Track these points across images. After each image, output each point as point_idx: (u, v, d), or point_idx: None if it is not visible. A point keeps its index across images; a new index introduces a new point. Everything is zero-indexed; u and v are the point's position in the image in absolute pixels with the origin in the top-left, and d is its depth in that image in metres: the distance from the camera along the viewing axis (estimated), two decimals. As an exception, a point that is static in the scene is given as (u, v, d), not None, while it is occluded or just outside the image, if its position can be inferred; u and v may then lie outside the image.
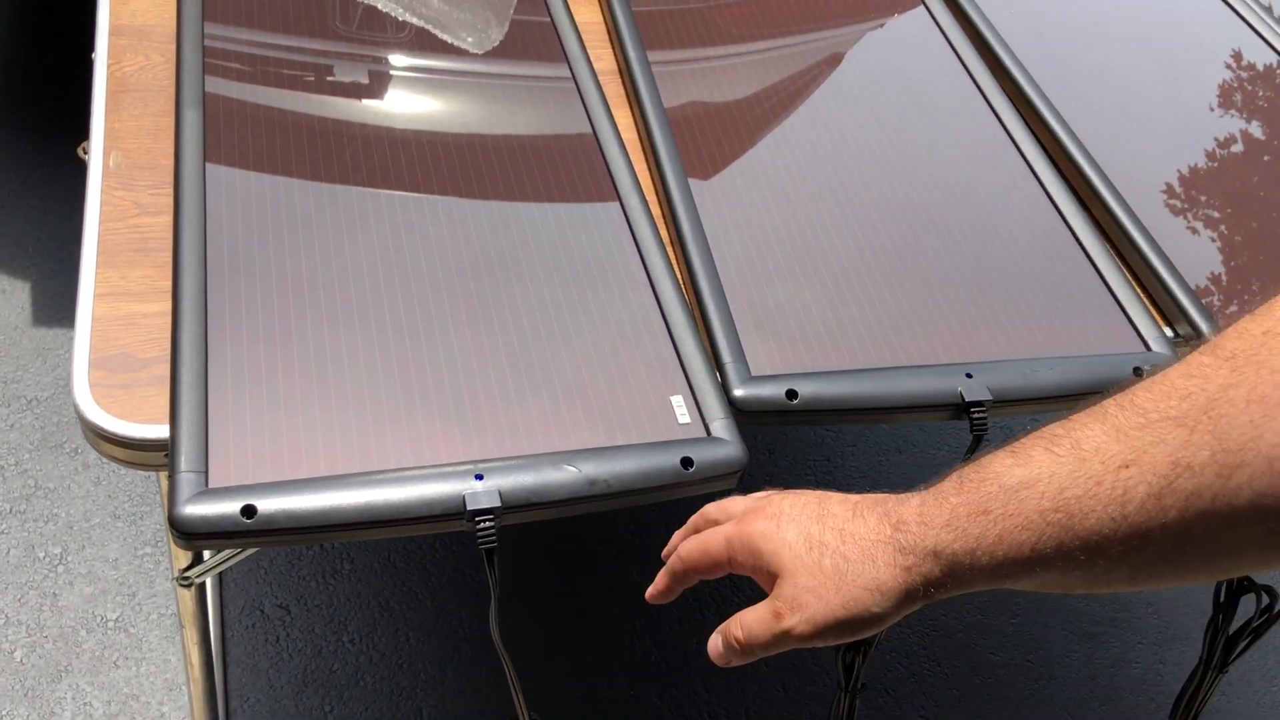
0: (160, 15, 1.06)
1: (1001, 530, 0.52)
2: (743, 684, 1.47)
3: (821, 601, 0.57)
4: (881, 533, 0.57)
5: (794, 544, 0.59)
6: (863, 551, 0.57)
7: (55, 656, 1.40)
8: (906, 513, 0.56)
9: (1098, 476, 0.48)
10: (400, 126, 0.97)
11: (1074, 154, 1.06)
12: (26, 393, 1.69)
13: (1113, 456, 0.48)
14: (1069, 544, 0.50)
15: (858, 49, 1.17)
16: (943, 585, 0.56)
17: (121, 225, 0.87)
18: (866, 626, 0.58)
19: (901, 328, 0.87)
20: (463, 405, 0.76)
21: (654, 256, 0.89)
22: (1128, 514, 0.48)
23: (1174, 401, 0.47)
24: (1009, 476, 0.52)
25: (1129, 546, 0.48)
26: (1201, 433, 0.45)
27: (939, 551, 0.54)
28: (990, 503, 0.52)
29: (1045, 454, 0.51)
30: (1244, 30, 1.29)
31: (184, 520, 0.67)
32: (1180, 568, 0.48)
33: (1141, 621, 1.61)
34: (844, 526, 0.58)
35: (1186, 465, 0.46)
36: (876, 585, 0.56)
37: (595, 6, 1.19)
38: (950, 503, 0.54)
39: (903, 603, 0.57)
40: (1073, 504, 0.49)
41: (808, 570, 0.58)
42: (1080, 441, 0.50)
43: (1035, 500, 0.50)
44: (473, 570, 1.55)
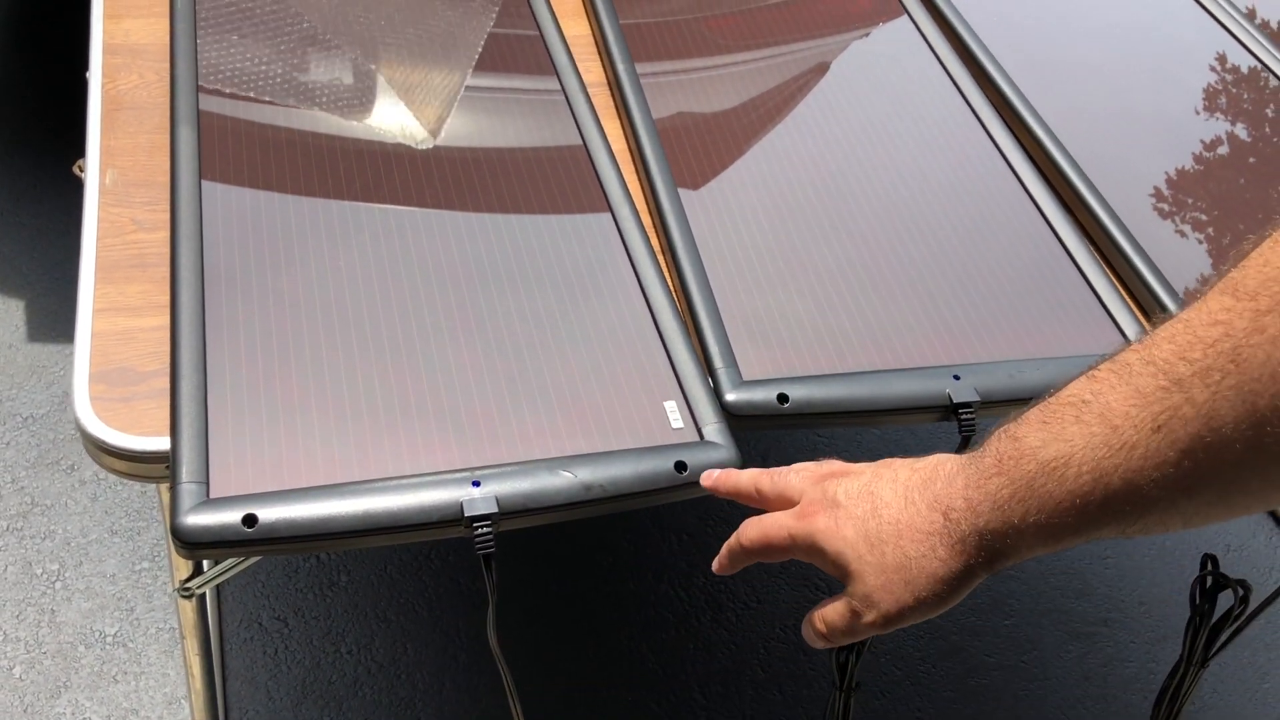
0: (154, 34, 1.07)
1: (1045, 508, 0.53)
2: (740, 689, 1.48)
3: (893, 597, 0.60)
4: (934, 523, 0.59)
5: (855, 544, 0.61)
6: (920, 545, 0.59)
7: (54, 673, 1.40)
8: (954, 498, 0.58)
9: (1131, 443, 0.49)
10: (393, 141, 0.98)
11: (1057, 159, 1.08)
12: (22, 410, 1.70)
13: (1144, 421, 0.49)
14: (1114, 509, 0.51)
15: (842, 59, 1.19)
16: (999, 559, 0.58)
17: (119, 241, 0.88)
18: (937, 607, 0.61)
19: (890, 331, 0.88)
20: (459, 414, 0.77)
21: (645, 265, 0.90)
22: (1166, 475, 0.48)
23: (1198, 353, 0.47)
24: (1045, 452, 0.53)
25: (1174, 503, 0.49)
26: (1229, 386, 0.45)
27: (989, 535, 0.56)
28: (1032, 482, 0.53)
29: (1075, 424, 0.52)
30: (1223, 35, 1.31)
31: (186, 530, 0.68)
32: (1232, 508, 0.49)
33: (1134, 621, 1.62)
34: (899, 518, 0.60)
35: (1217, 421, 0.45)
36: (939, 575, 0.59)
37: (584, 20, 1.20)
38: (992, 485, 0.56)
39: (965, 582, 0.59)
40: (1111, 474, 0.50)
41: (873, 569, 0.60)
42: (1108, 408, 0.50)
43: (1074, 474, 0.51)
44: (469, 581, 1.56)
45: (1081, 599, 1.64)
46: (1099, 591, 1.66)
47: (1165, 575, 1.69)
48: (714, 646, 1.53)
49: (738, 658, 1.52)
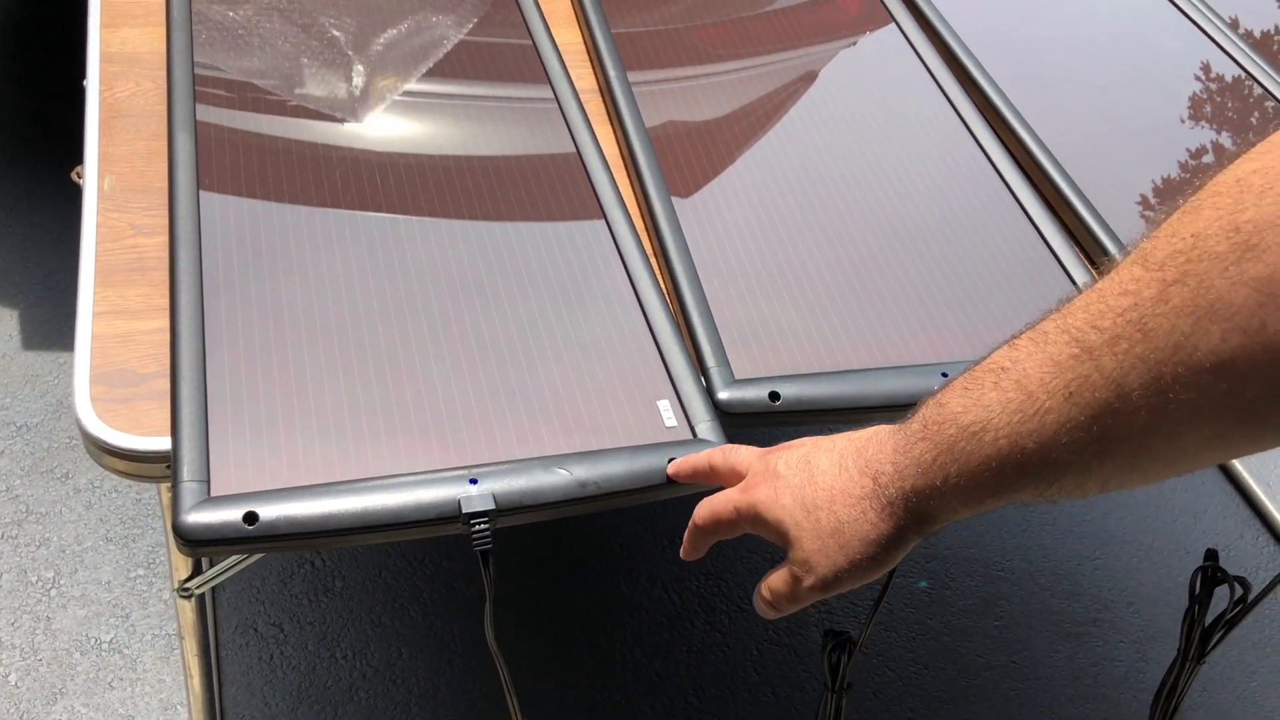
0: (150, 43, 1.08)
1: (965, 471, 0.55)
2: (733, 691, 1.49)
3: (828, 560, 0.62)
4: (864, 487, 0.61)
5: (793, 510, 0.63)
6: (852, 509, 0.61)
7: (50, 679, 1.40)
8: (883, 462, 0.60)
9: (1044, 409, 0.51)
10: (388, 146, 0.99)
11: (1044, 163, 1.09)
12: (16, 419, 1.70)
13: (1056, 388, 0.50)
14: (1030, 472, 0.52)
15: (830, 66, 1.20)
16: (927, 523, 0.60)
17: (117, 246, 0.89)
18: (872, 570, 0.63)
19: (879, 330, 0.90)
20: (456, 413, 0.78)
21: (638, 267, 0.91)
22: (1077, 440, 0.50)
23: (1109, 321, 0.48)
24: (965, 417, 0.55)
25: (1087, 467, 0.50)
26: (1135, 355, 0.46)
27: (915, 496, 0.59)
28: (953, 446, 0.55)
29: (994, 391, 0.53)
30: (1207, 43, 1.33)
31: (188, 528, 0.69)
32: (1145, 473, 0.50)
33: (1123, 621, 1.64)
34: (833, 484, 0.62)
35: (1125, 389, 0.47)
36: (871, 537, 0.61)
37: (575, 28, 1.22)
38: (917, 449, 0.58)
39: (897, 544, 0.61)
40: (1026, 439, 0.52)
41: (810, 534, 0.63)
42: (1025, 375, 0.52)
43: (991, 439, 0.53)
44: (464, 586, 1.56)
45: (1071, 600, 1.66)
46: (1088, 592, 1.67)
47: (1153, 576, 1.71)
48: (707, 649, 1.54)
49: (731, 660, 1.53)
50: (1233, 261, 0.42)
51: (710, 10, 1.26)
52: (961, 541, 1.72)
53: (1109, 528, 1.77)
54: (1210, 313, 0.43)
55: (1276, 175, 0.42)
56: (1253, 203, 0.43)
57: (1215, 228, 0.44)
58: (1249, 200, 0.43)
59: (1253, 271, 0.42)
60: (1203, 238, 0.44)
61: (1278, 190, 0.42)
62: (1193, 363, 0.44)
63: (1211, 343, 0.43)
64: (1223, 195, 0.44)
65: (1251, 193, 0.43)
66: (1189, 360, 0.44)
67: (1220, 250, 0.43)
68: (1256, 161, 0.44)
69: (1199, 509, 1.82)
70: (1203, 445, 0.47)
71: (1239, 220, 0.43)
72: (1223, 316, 0.43)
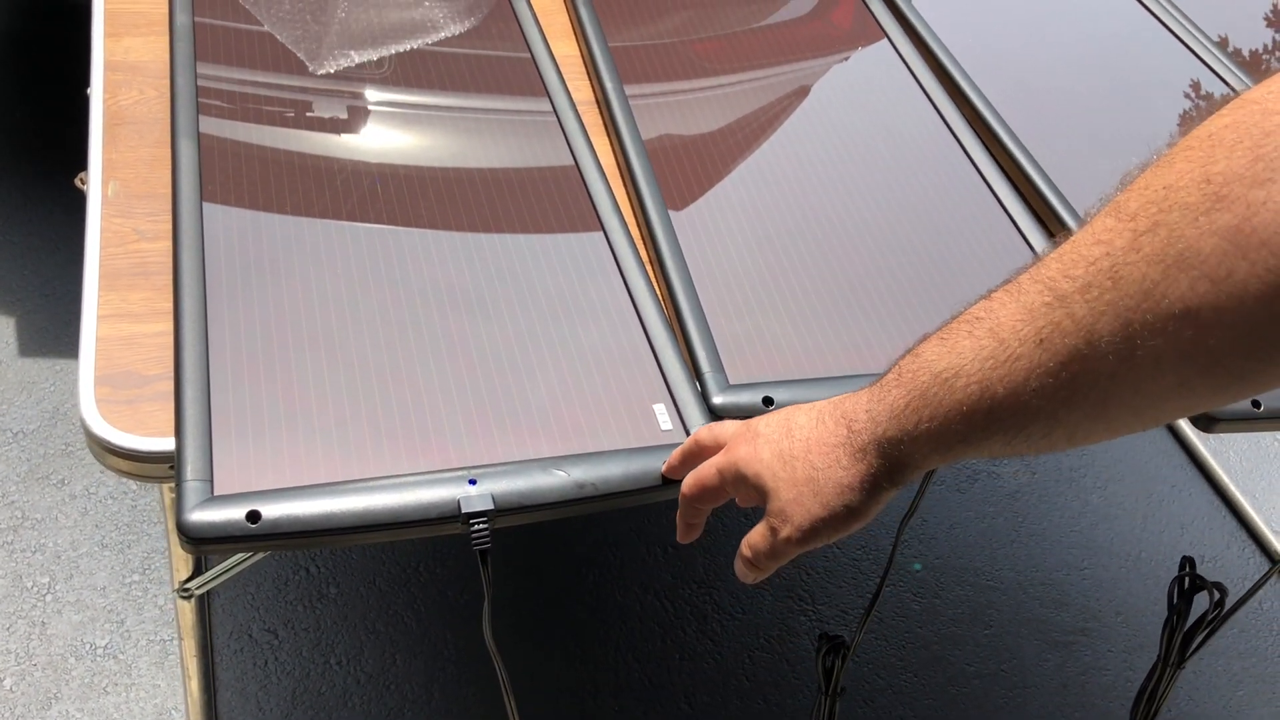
0: (153, 52, 1.09)
1: (936, 416, 0.56)
2: (725, 698, 1.50)
3: (804, 509, 0.63)
4: (839, 435, 0.62)
5: (770, 463, 0.65)
6: (826, 456, 0.62)
7: (45, 684, 1.41)
8: (858, 411, 0.62)
9: (1015, 355, 0.52)
10: (391, 153, 1.01)
11: (1033, 176, 1.11)
12: (13, 426, 1.71)
13: (1028, 335, 0.51)
14: (999, 420, 0.54)
15: (824, 81, 1.22)
16: (900, 471, 0.61)
17: (121, 251, 0.91)
18: (849, 521, 0.63)
19: (870, 337, 0.91)
20: (455, 415, 0.79)
21: (634, 275, 0.93)
22: (1046, 386, 0.51)
23: (1081, 270, 0.49)
24: (939, 364, 0.56)
25: (1055, 414, 0.52)
26: (1106, 302, 0.47)
27: (887, 443, 0.60)
28: (925, 391, 0.57)
29: (968, 339, 0.55)
30: (1191, 60, 1.35)
31: (191, 526, 0.70)
32: (1111, 423, 0.51)
33: (1111, 631, 1.65)
34: (809, 435, 0.64)
35: (1094, 335, 0.48)
36: (845, 484, 0.62)
37: (572, 41, 1.24)
38: (891, 395, 0.59)
39: (871, 493, 0.62)
40: (996, 385, 0.53)
41: (786, 484, 0.64)
42: (998, 324, 0.53)
43: (963, 385, 0.54)
44: (457, 593, 1.57)
45: (1060, 609, 1.67)
46: (1076, 602, 1.69)
47: (1141, 586, 1.72)
48: (699, 656, 1.55)
49: (723, 667, 1.54)
50: (1203, 211, 0.44)
51: (705, 25, 1.28)
52: (951, 551, 1.74)
53: (1097, 538, 1.79)
54: (1179, 261, 0.44)
55: (1246, 130, 0.44)
56: (1223, 155, 0.44)
57: (1187, 179, 0.45)
58: (1220, 153, 0.44)
59: (1221, 221, 0.43)
60: (1174, 189, 0.46)
61: (1247, 144, 0.43)
62: (1160, 309, 0.45)
63: (1179, 290, 0.44)
64: (1194, 149, 0.46)
65: (1222, 146, 0.44)
66: (1157, 307, 0.45)
67: (1191, 201, 0.44)
68: (1228, 117, 0.45)
69: (1186, 520, 1.84)
70: (1167, 393, 0.48)
71: (1210, 172, 0.44)
72: (1191, 265, 0.44)
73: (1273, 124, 0.43)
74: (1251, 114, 0.44)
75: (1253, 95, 0.45)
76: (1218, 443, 1.98)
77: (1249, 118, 0.44)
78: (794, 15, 1.34)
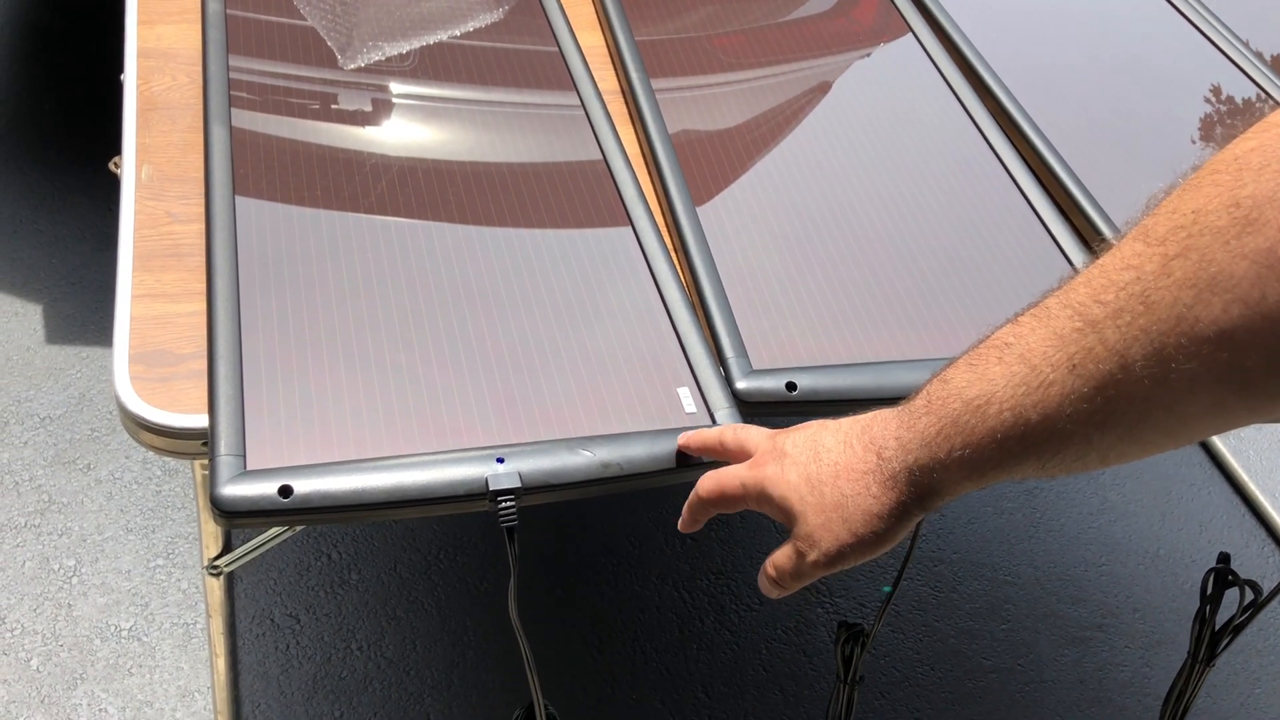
0: (185, 39, 1.11)
1: (970, 443, 0.56)
2: (742, 689, 1.51)
3: (832, 535, 0.64)
4: (868, 462, 0.62)
5: (798, 486, 0.65)
6: (856, 483, 0.63)
7: (70, 665, 1.43)
8: (887, 438, 0.62)
9: (1048, 381, 0.52)
10: (421, 144, 1.02)
11: (1056, 169, 1.12)
12: (40, 411, 1.73)
13: (1060, 361, 0.52)
14: (1033, 445, 0.54)
15: (848, 75, 1.23)
16: (930, 498, 0.61)
17: (154, 233, 0.92)
18: (876, 547, 0.64)
19: (893, 325, 0.92)
20: (484, 395, 0.80)
21: (659, 261, 0.94)
22: (1080, 411, 0.51)
23: (1111, 295, 0.50)
24: (969, 391, 0.56)
25: (1088, 438, 0.52)
26: (1138, 326, 0.48)
27: (918, 470, 0.60)
28: (957, 419, 0.57)
29: (999, 365, 0.55)
30: (1216, 56, 1.35)
31: (224, 500, 0.71)
32: (1145, 444, 0.52)
33: (1129, 627, 1.65)
34: (838, 460, 0.64)
35: (1128, 360, 0.48)
36: (874, 511, 0.62)
37: (597, 32, 1.25)
38: (922, 423, 0.59)
39: (900, 520, 0.62)
40: (1030, 411, 0.53)
41: (814, 509, 0.64)
42: (1029, 350, 0.54)
43: (996, 412, 0.55)
44: (477, 581, 1.59)
45: (1077, 605, 1.67)
46: (1094, 598, 1.69)
47: (1159, 583, 1.72)
48: (717, 647, 1.56)
49: (740, 658, 1.55)
50: (1233, 235, 0.44)
51: (730, 20, 1.29)
52: (969, 546, 1.74)
53: (1116, 535, 1.79)
54: (1212, 285, 0.45)
55: (1273, 153, 0.44)
56: (1251, 179, 0.45)
57: (1215, 203, 0.46)
58: (1248, 177, 0.45)
59: (1253, 244, 0.44)
60: (1203, 213, 0.46)
61: (1275, 167, 0.44)
62: (1194, 333, 0.46)
63: (1213, 314, 0.45)
64: (1221, 173, 0.46)
65: (1250, 170, 0.45)
66: (1191, 331, 0.46)
67: (1221, 225, 0.45)
68: (1254, 140, 0.46)
69: (1205, 518, 1.84)
70: (1201, 414, 0.48)
71: (1239, 195, 0.45)
72: (1224, 288, 0.45)
73: None
74: (1277, 138, 0.45)
75: (1276, 119, 0.46)
76: (1237, 441, 1.97)
77: (1274, 141, 0.45)
78: (818, 10, 1.34)
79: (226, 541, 0.91)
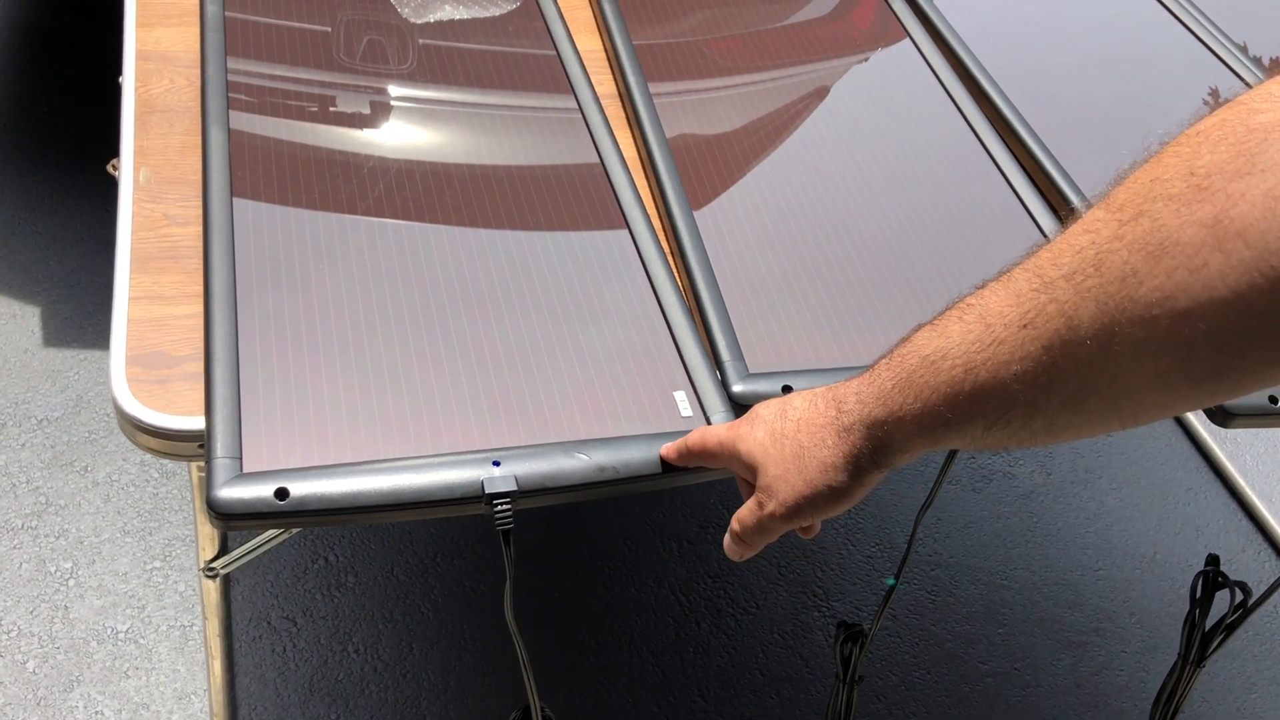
0: (183, 42, 1.11)
1: (920, 398, 0.58)
2: (739, 692, 1.51)
3: (788, 485, 0.66)
4: (827, 415, 0.64)
5: (763, 440, 0.67)
6: (814, 435, 0.64)
7: (67, 667, 1.43)
8: (847, 393, 0.64)
9: (1000, 339, 0.53)
10: (420, 147, 1.02)
11: (1051, 172, 1.12)
12: (37, 413, 1.73)
13: (1013, 320, 0.53)
14: (981, 403, 0.55)
15: (845, 78, 1.23)
16: (883, 452, 0.62)
17: (152, 235, 0.92)
18: (832, 500, 0.65)
19: (888, 328, 0.92)
20: (480, 398, 0.81)
21: (656, 265, 0.94)
22: (1027, 370, 0.52)
23: (1068, 258, 0.51)
24: (927, 348, 0.58)
25: (1034, 400, 0.53)
26: (1089, 288, 0.49)
27: (872, 424, 0.62)
28: (912, 374, 0.58)
29: (957, 324, 0.57)
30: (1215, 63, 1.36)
31: (221, 502, 0.71)
32: (1088, 415, 0.52)
33: (1125, 631, 1.65)
34: (801, 416, 0.66)
35: (1076, 320, 0.49)
36: (828, 462, 0.64)
37: (595, 36, 1.25)
38: (881, 378, 0.61)
39: (854, 474, 0.64)
40: (979, 367, 0.54)
41: (774, 460, 0.66)
42: (986, 309, 0.55)
43: (948, 367, 0.56)
44: (474, 584, 1.59)
45: (1073, 609, 1.68)
46: (1090, 602, 1.69)
47: (1155, 588, 1.72)
48: (713, 651, 1.56)
49: (736, 661, 1.55)
50: (1184, 203, 0.45)
51: (727, 24, 1.29)
52: (966, 550, 1.74)
53: (1112, 539, 1.79)
54: (1160, 250, 0.46)
55: (1232, 127, 0.45)
56: (1208, 150, 0.45)
57: (1172, 172, 0.47)
58: (1205, 148, 0.46)
59: (1202, 212, 0.44)
60: (1160, 181, 0.47)
61: (1231, 139, 0.45)
62: (1139, 297, 0.46)
63: (1157, 279, 0.46)
64: (1183, 145, 0.47)
65: (1209, 141, 0.46)
66: (1135, 294, 0.46)
67: (1175, 191, 0.46)
68: (1218, 116, 0.47)
69: (1201, 522, 1.84)
70: (1144, 386, 0.49)
71: (1194, 165, 0.46)
72: (1170, 254, 0.45)
73: (1257, 121, 0.45)
74: (1239, 113, 0.46)
75: (1243, 97, 0.47)
76: (1234, 446, 1.98)
77: (1236, 116, 0.46)
78: (816, 14, 1.35)
79: (223, 544, 0.91)
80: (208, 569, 0.89)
